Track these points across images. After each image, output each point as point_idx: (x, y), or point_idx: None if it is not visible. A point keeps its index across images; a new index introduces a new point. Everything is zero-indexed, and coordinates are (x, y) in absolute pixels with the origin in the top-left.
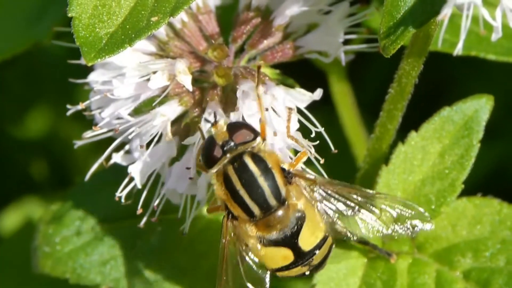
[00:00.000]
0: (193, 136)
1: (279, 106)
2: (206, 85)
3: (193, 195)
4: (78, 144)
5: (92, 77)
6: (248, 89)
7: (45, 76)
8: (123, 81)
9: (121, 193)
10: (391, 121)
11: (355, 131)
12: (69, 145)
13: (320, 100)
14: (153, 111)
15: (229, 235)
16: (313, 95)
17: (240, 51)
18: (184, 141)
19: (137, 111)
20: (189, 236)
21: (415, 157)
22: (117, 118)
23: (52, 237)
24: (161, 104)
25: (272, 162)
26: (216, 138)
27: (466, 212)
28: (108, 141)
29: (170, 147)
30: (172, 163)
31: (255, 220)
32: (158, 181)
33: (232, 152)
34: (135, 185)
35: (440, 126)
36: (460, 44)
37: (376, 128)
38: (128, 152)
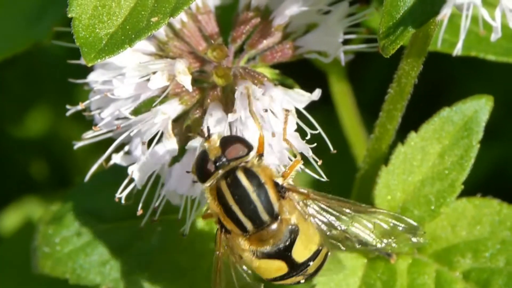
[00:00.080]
0: (195, 140)
1: (277, 108)
2: (206, 85)
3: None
4: (78, 145)
5: (92, 77)
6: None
7: (45, 76)
8: (123, 81)
9: (121, 194)
10: (391, 122)
11: (355, 132)
12: (69, 145)
13: (320, 100)
14: (154, 109)
15: (223, 248)
16: (312, 95)
17: (240, 51)
18: (187, 146)
19: (137, 112)
20: (189, 237)
21: (415, 158)
22: (117, 119)
23: (52, 238)
24: (162, 104)
25: (265, 177)
26: (209, 153)
27: (466, 213)
28: (108, 142)
29: (171, 147)
30: (172, 164)
31: (248, 235)
32: (158, 182)
33: (225, 168)
34: (135, 186)
35: (440, 127)
36: (460, 44)
37: (376, 129)
38: (128, 153)
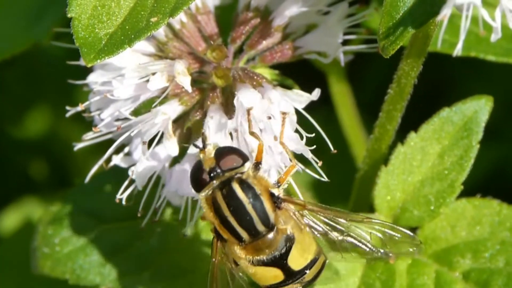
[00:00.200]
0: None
1: (275, 110)
2: (206, 86)
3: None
4: (78, 147)
5: (92, 78)
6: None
7: (45, 77)
8: (123, 82)
9: (122, 195)
10: (391, 122)
11: (355, 132)
12: (69, 146)
13: (319, 101)
14: (154, 110)
15: (219, 255)
16: (311, 96)
17: (239, 52)
18: (189, 150)
19: (137, 113)
20: (189, 237)
21: (415, 158)
22: (117, 120)
23: (52, 238)
24: (161, 104)
25: (261, 189)
26: (204, 164)
27: (466, 213)
28: (108, 142)
29: (172, 147)
30: (172, 165)
31: (244, 244)
32: (158, 183)
33: (219, 178)
34: (135, 187)
35: (440, 127)
36: (460, 45)
37: (376, 129)
38: (128, 154)
